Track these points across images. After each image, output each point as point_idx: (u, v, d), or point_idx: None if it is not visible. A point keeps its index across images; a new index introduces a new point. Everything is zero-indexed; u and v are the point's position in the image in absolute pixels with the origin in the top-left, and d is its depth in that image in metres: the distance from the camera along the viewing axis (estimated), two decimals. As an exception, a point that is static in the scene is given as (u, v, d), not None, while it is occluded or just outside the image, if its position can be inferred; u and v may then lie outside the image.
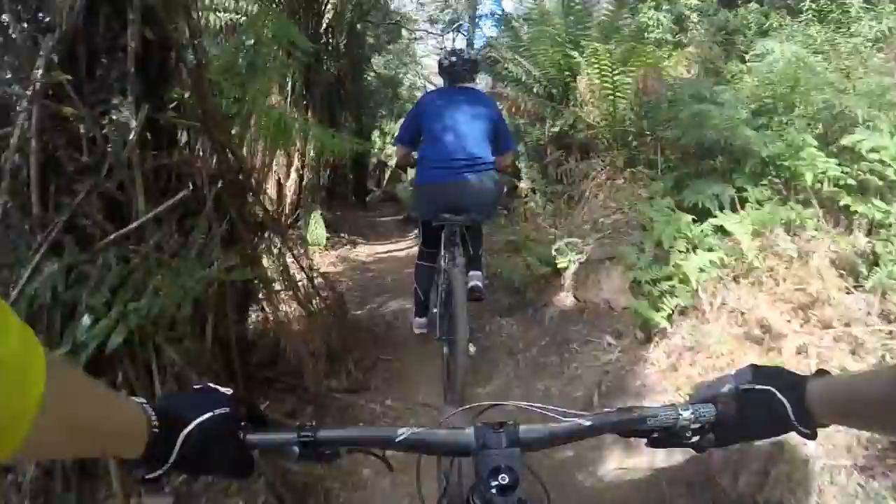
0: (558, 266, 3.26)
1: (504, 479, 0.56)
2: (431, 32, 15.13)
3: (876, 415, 0.52)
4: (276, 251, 2.55)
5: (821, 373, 0.59)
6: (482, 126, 2.64)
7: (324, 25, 7.26)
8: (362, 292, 4.40)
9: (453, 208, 2.49)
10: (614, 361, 2.60)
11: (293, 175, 6.34)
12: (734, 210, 2.79)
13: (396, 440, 0.61)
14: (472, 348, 2.60)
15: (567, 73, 5.25)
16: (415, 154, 2.82)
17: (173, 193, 1.86)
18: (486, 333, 3.34)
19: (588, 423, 0.61)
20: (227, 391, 0.60)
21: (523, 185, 4.95)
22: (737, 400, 0.58)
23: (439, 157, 2.59)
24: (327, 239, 5.91)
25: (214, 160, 2.16)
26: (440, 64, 2.86)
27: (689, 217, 2.80)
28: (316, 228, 5.77)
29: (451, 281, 2.35)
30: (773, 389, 0.56)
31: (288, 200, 6.17)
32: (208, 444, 0.55)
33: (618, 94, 4.33)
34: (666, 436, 0.61)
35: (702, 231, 2.72)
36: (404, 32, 12.84)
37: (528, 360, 2.92)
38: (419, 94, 6.43)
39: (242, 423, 0.60)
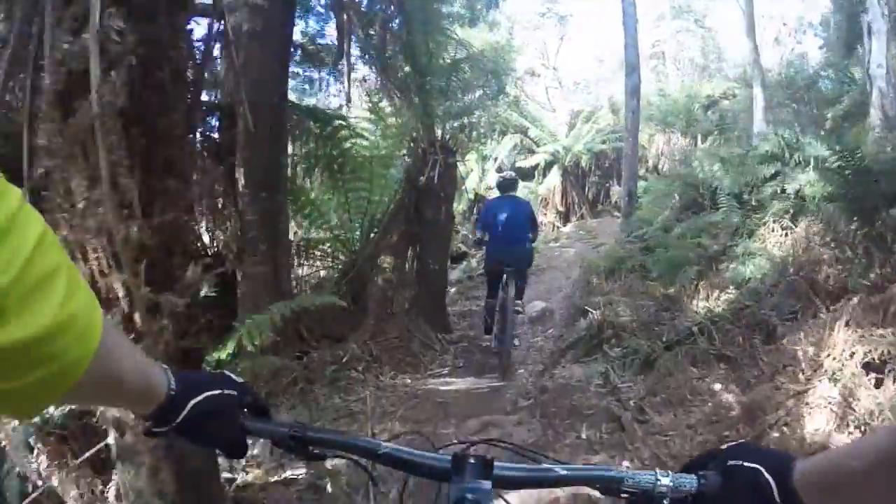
0: None
1: None
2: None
3: (863, 491, 0.50)
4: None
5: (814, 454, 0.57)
6: (522, 220, 4.80)
7: None
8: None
9: (507, 263, 4.53)
10: None
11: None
12: None
13: (378, 453, 0.64)
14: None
15: None
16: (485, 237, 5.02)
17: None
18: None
19: (563, 472, 0.62)
20: (240, 380, 0.68)
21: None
22: (722, 475, 0.57)
23: (499, 239, 4.76)
24: None
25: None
26: (497, 182, 5.43)
27: None
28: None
29: (506, 302, 4.41)
30: (761, 468, 0.54)
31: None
32: (210, 417, 0.62)
33: None
34: (643, 500, 0.60)
35: None
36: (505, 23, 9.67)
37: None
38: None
39: (245, 409, 0.67)
